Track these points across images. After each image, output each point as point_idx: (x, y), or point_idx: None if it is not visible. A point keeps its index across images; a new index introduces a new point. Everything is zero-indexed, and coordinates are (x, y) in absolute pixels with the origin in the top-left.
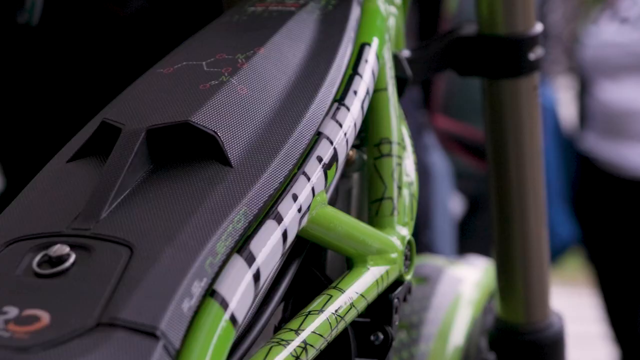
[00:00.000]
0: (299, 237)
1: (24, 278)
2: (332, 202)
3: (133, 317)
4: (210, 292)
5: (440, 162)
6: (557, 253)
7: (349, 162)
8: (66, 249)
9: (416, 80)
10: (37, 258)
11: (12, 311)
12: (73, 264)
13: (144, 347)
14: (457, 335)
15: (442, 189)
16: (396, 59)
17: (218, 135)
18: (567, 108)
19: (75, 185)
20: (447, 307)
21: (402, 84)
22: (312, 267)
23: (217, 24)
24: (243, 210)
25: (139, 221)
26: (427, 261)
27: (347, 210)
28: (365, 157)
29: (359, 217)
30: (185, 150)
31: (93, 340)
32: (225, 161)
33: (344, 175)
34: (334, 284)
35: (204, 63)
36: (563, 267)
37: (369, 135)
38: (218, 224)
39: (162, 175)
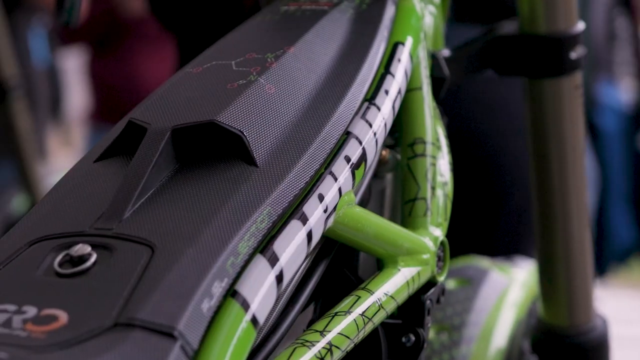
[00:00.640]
0: (327, 238)
1: (45, 278)
2: (365, 202)
3: (151, 317)
4: (232, 293)
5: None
6: (621, 255)
7: (382, 162)
8: (87, 249)
9: (455, 80)
10: (59, 258)
11: (31, 311)
12: (94, 263)
13: (161, 347)
14: (500, 338)
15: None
16: (434, 58)
17: (244, 134)
18: (633, 110)
19: (101, 185)
20: (490, 309)
21: (439, 84)
22: (343, 268)
23: (250, 24)
24: (267, 210)
25: (162, 221)
26: (471, 263)
27: (380, 211)
28: (399, 157)
29: (393, 217)
30: (211, 150)
31: (110, 340)
32: (250, 161)
33: (377, 175)
34: (362, 285)
35: (233, 62)
36: (630, 270)
37: (403, 135)
38: (241, 224)
39: (186, 175)
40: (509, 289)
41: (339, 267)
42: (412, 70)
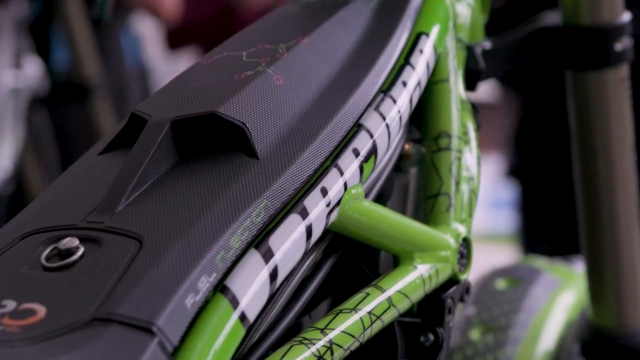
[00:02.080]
0: (338, 233)
1: (31, 271)
2: (386, 197)
3: (130, 312)
4: (221, 288)
5: None
6: None
7: (405, 156)
8: (75, 242)
9: (497, 72)
10: (47, 251)
11: (10, 305)
12: (81, 257)
13: (137, 343)
14: (548, 340)
15: None
16: (469, 50)
17: (246, 126)
18: None
19: (100, 178)
20: (539, 310)
21: (475, 77)
22: (360, 263)
23: (270, 15)
24: (264, 203)
25: (154, 214)
26: (524, 263)
27: (403, 206)
28: (424, 151)
29: (416, 213)
30: (213, 142)
31: (85, 335)
32: (252, 153)
33: (401, 170)
34: (374, 282)
35: (244, 53)
36: None
37: (427, 128)
38: (235, 217)
39: (186, 167)
40: (561, 289)
41: (356, 262)
42: (439, 61)
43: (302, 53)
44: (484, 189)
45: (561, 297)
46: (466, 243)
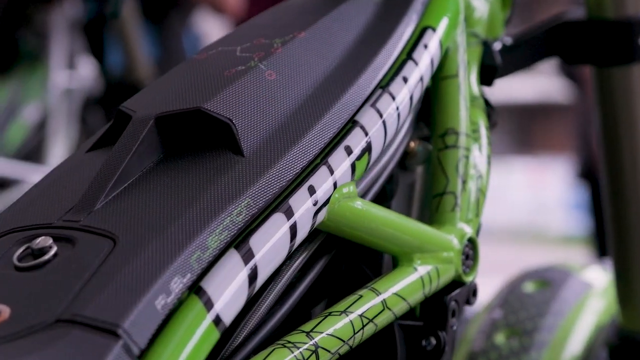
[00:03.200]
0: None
1: (2, 271)
2: (391, 196)
3: (95, 314)
4: (196, 290)
5: None
6: None
7: (410, 154)
8: (49, 242)
9: (519, 67)
10: (20, 251)
11: None
12: (54, 256)
13: (100, 346)
14: (575, 344)
15: None
16: (486, 45)
17: (233, 122)
18: None
19: (84, 176)
20: (568, 314)
21: (491, 73)
22: (362, 264)
23: (273, 9)
24: (246, 202)
25: (132, 212)
26: (555, 264)
27: (409, 206)
28: (431, 148)
29: (422, 213)
30: (200, 139)
31: (46, 337)
32: (237, 150)
33: (407, 168)
34: (369, 284)
35: (238, 48)
36: None
37: (435, 126)
38: (214, 216)
39: (170, 165)
40: (593, 292)
41: (357, 263)
42: (447, 56)
43: (297, 48)
44: (558, 191)
45: (592, 300)
46: (472, 244)
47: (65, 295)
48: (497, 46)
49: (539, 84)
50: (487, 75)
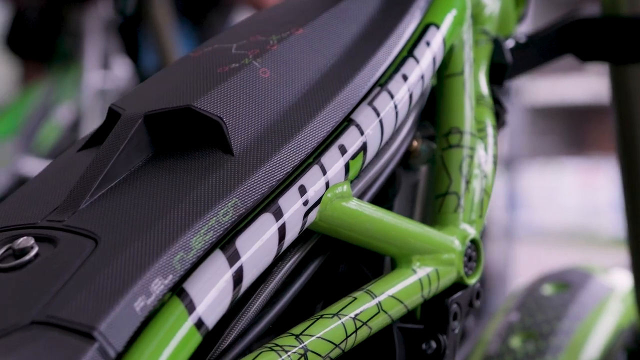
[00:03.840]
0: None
1: None
2: (392, 196)
3: (71, 316)
4: (178, 291)
5: None
6: None
7: (414, 153)
8: (30, 242)
9: (533, 66)
10: (1, 251)
11: None
12: (35, 257)
13: (74, 348)
14: (593, 348)
15: None
16: (496, 43)
17: (223, 121)
18: None
19: (74, 175)
20: (586, 317)
21: (501, 71)
22: (362, 265)
23: (274, 6)
24: (233, 202)
25: (116, 212)
26: (577, 267)
27: (411, 206)
28: (435, 147)
29: (424, 213)
30: (191, 137)
31: (20, 339)
32: (227, 149)
33: (410, 167)
34: (365, 286)
35: (234, 45)
36: None
37: (439, 125)
38: (199, 216)
39: (158, 164)
40: (613, 295)
41: (356, 263)
42: (453, 53)
43: (294, 45)
44: (610, 193)
45: (612, 303)
46: (475, 245)
47: (42, 296)
48: (509, 44)
49: (590, 84)
50: (498, 74)
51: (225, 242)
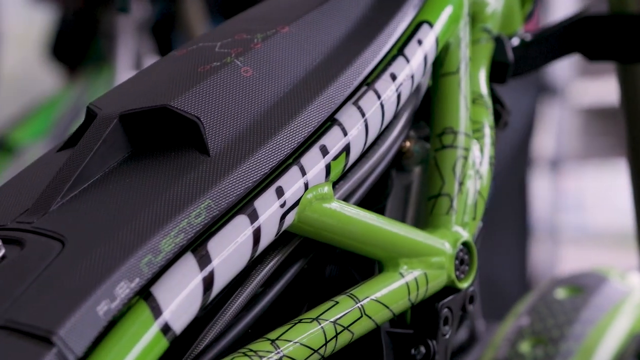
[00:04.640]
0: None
1: None
2: (384, 197)
3: (30, 320)
4: (145, 295)
5: None
6: None
7: (406, 154)
8: None
9: (538, 64)
10: None
11: None
12: (1, 259)
13: (32, 353)
14: (604, 353)
15: None
16: (498, 41)
17: (200, 120)
18: None
19: (49, 176)
20: (599, 321)
21: (503, 69)
22: (351, 268)
23: (264, 3)
24: (206, 203)
25: (87, 214)
26: (592, 270)
27: (404, 208)
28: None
29: (417, 215)
30: (168, 138)
31: None
32: (204, 149)
33: (404, 168)
34: (348, 290)
35: (218, 44)
36: None
37: (433, 125)
38: (170, 218)
39: (133, 164)
40: (628, 299)
41: (345, 265)
42: (447, 52)
43: (279, 43)
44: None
45: (627, 307)
46: (468, 248)
47: (4, 299)
48: (514, 42)
49: None
50: (499, 73)
51: (197, 244)
